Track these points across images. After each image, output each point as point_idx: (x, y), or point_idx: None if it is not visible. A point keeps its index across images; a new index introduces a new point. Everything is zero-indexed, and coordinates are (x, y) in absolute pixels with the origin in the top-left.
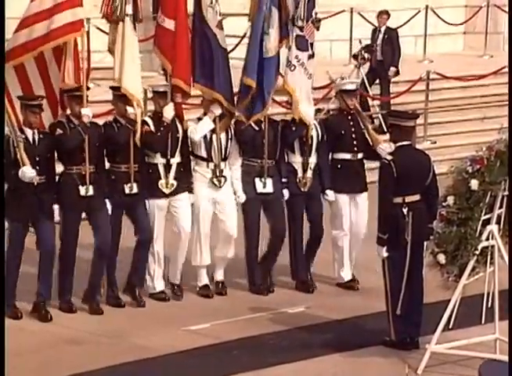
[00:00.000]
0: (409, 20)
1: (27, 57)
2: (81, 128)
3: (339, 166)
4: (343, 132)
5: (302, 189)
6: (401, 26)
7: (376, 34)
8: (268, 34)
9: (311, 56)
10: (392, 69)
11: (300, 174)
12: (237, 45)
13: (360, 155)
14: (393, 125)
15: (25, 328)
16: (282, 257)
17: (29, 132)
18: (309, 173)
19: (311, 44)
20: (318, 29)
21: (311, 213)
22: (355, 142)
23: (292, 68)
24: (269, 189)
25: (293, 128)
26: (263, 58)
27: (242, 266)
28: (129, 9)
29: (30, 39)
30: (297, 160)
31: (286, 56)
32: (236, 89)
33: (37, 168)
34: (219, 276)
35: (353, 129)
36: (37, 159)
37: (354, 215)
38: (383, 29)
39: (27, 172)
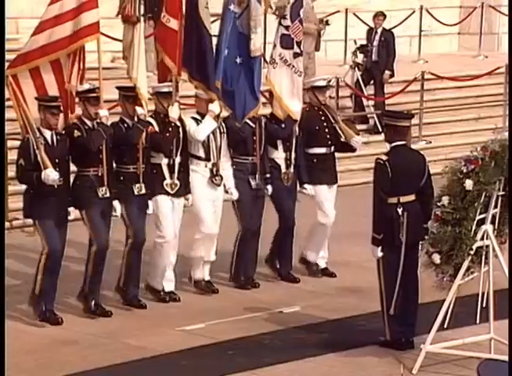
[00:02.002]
0: (403, 21)
1: (43, 60)
2: (102, 129)
3: (315, 160)
4: (317, 127)
5: (285, 184)
6: (396, 26)
7: (372, 35)
8: (257, 33)
9: (299, 54)
10: (387, 72)
11: (284, 169)
12: None
13: (333, 149)
14: (388, 125)
15: (20, 329)
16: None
17: (48, 134)
18: (292, 168)
19: (299, 42)
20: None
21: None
22: (328, 137)
23: (274, 66)
24: (260, 185)
25: (283, 125)
26: (251, 57)
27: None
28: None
29: (49, 42)
30: (280, 156)
31: (270, 53)
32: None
33: (57, 169)
34: (206, 276)
35: (325, 124)
36: (57, 161)
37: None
38: (379, 30)
39: (51, 175)
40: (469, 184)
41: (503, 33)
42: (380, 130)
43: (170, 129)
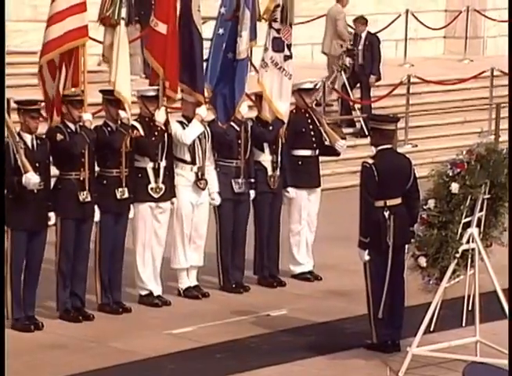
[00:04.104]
0: (389, 25)
1: (43, 59)
2: (85, 133)
3: (300, 162)
4: (303, 130)
5: (271, 187)
6: (381, 30)
7: (357, 40)
8: (242, 36)
9: (289, 57)
10: (372, 76)
11: (270, 172)
12: None
13: (317, 151)
14: (373, 129)
15: (8, 333)
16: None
17: (28, 138)
18: (278, 171)
19: (289, 45)
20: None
21: (274, 210)
22: (313, 139)
23: (266, 69)
24: (244, 189)
25: (270, 127)
26: (236, 60)
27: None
28: (123, 13)
29: (45, 41)
30: (266, 158)
31: (261, 56)
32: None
33: (38, 173)
34: (193, 281)
35: (311, 126)
36: (37, 165)
37: (309, 208)
38: (363, 34)
39: (32, 178)
40: (455, 187)
41: (488, 37)
42: (367, 133)
43: (155, 133)
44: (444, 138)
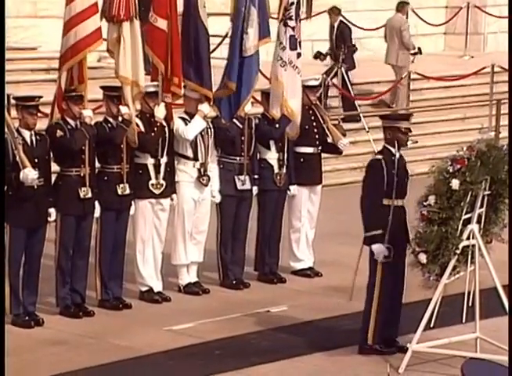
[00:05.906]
0: None
1: (66, 66)
2: (84, 129)
3: (302, 160)
4: (306, 127)
5: (278, 185)
6: (382, 26)
7: (332, 30)
8: (248, 33)
9: (300, 54)
10: (344, 65)
11: (276, 170)
12: (219, 45)
13: (320, 149)
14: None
15: (8, 329)
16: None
17: (26, 134)
18: (284, 169)
19: (300, 42)
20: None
21: (278, 208)
22: (316, 137)
23: (286, 68)
24: (247, 186)
25: (276, 125)
26: (242, 57)
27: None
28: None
29: (65, 48)
30: (272, 156)
31: (277, 54)
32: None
33: (37, 169)
34: (193, 277)
35: (314, 124)
36: (36, 161)
37: (310, 205)
38: (336, 24)
39: (30, 174)
40: (455, 184)
41: (489, 33)
42: (367, 130)
43: (155, 129)
44: (444, 134)
